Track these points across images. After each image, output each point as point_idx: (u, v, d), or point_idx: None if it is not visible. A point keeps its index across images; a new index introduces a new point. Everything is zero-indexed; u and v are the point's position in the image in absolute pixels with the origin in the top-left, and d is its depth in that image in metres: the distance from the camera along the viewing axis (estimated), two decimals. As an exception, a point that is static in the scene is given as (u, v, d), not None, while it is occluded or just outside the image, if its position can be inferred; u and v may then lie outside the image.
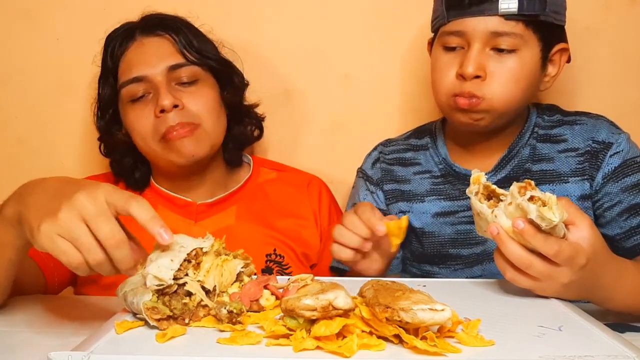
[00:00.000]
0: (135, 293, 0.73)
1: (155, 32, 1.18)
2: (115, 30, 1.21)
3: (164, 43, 1.18)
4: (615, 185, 1.07)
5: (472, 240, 1.13)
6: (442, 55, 1.08)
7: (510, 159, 1.13)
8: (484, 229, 0.83)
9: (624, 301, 0.89)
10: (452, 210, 1.15)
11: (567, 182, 1.10)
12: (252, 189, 1.27)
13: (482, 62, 1.03)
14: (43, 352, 0.64)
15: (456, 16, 1.04)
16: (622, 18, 1.37)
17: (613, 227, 1.07)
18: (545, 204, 0.76)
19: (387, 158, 1.23)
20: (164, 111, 1.12)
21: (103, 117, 1.22)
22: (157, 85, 1.14)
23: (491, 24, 1.02)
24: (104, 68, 1.20)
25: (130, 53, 1.17)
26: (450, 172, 1.16)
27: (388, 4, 1.39)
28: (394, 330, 0.65)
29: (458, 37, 1.05)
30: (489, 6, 1.01)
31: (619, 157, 1.08)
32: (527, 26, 1.02)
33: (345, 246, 0.97)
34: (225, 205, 1.23)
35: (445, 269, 1.16)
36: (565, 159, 1.11)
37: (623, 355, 0.63)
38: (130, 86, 1.15)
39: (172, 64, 1.15)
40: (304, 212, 1.26)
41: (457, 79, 1.05)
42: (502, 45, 1.03)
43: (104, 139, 1.26)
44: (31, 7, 1.42)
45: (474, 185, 0.85)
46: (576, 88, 1.37)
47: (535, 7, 1.01)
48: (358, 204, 1.00)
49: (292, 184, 1.29)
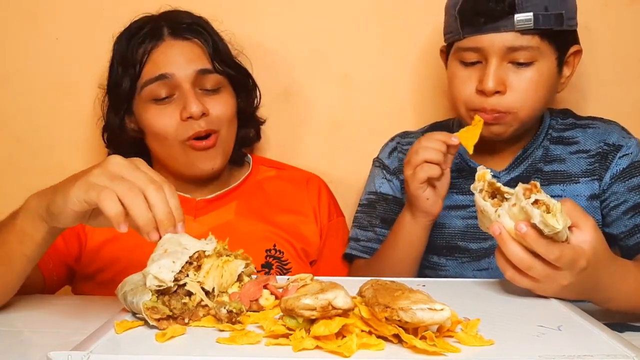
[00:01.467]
0: (135, 293, 0.73)
1: (184, 35, 1.18)
2: (137, 24, 1.20)
3: (193, 47, 1.18)
4: (622, 185, 1.09)
5: (481, 234, 1.14)
6: (460, 70, 1.09)
7: (524, 159, 1.15)
8: (487, 225, 0.83)
9: (624, 302, 0.89)
10: (464, 205, 1.17)
11: (577, 182, 1.12)
12: (251, 186, 1.28)
13: (501, 76, 1.04)
14: (43, 352, 0.64)
15: (472, 33, 1.05)
16: (621, 17, 1.37)
17: (618, 225, 1.09)
18: (550, 210, 0.76)
19: (405, 148, 1.24)
20: (190, 117, 1.13)
21: (117, 111, 1.20)
22: (183, 88, 1.14)
23: (507, 39, 1.02)
24: (124, 60, 1.18)
25: (158, 52, 1.16)
26: (465, 167, 1.18)
27: (388, 4, 1.39)
28: (393, 330, 0.65)
29: (475, 52, 1.06)
30: (505, 22, 1.01)
31: (627, 158, 1.10)
32: (542, 38, 1.03)
33: (431, 163, 1.02)
34: (224, 202, 1.24)
35: (453, 260, 1.18)
36: (577, 160, 1.13)
37: (622, 354, 0.63)
38: (155, 85, 1.14)
39: (201, 68, 1.16)
40: (303, 208, 1.27)
41: (477, 94, 1.06)
42: (519, 59, 1.03)
43: (112, 132, 1.24)
44: (31, 7, 1.42)
45: (479, 182, 0.85)
46: (575, 88, 1.36)
47: (551, 21, 1.02)
48: (425, 135, 1.06)
49: (291, 181, 1.30)
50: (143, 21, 1.20)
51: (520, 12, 1.00)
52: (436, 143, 1.03)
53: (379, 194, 1.24)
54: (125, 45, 1.18)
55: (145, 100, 1.16)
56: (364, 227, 1.24)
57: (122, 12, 1.23)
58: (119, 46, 1.20)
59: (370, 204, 1.25)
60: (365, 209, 1.26)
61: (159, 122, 1.15)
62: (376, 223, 1.23)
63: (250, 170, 1.29)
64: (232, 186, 1.26)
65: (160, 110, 1.15)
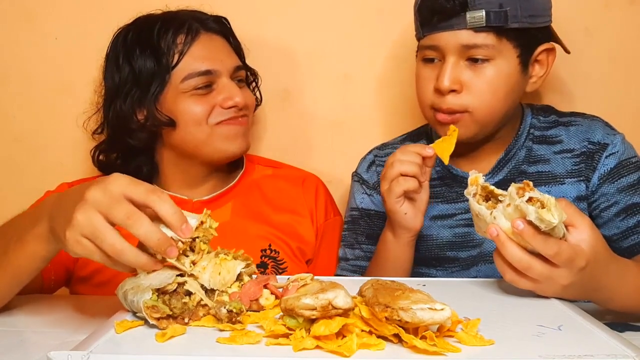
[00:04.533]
0: (135, 292, 0.73)
1: (216, 29, 1.22)
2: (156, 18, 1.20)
3: (225, 42, 1.24)
4: (611, 186, 1.08)
5: (469, 243, 1.13)
6: (422, 68, 1.09)
7: (507, 161, 1.13)
8: (483, 229, 0.83)
9: (625, 301, 0.89)
10: (450, 213, 1.15)
11: (563, 183, 1.10)
12: (247, 185, 1.28)
13: (457, 75, 1.03)
14: (42, 352, 0.64)
15: (429, 31, 1.05)
16: (621, 18, 1.37)
17: (610, 227, 1.07)
18: (544, 205, 0.76)
19: (383, 161, 1.21)
20: (235, 106, 1.18)
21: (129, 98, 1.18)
22: (224, 80, 1.19)
23: (462, 37, 1.02)
24: (153, 50, 1.17)
25: (199, 46, 1.18)
26: (447, 175, 1.16)
27: (388, 4, 1.39)
28: (393, 330, 0.64)
29: (433, 50, 1.06)
30: (457, 20, 1.01)
31: (614, 158, 1.08)
32: (499, 36, 1.02)
33: (407, 176, 1.01)
34: (221, 202, 1.24)
35: (442, 270, 1.16)
36: (562, 160, 1.11)
37: (622, 354, 0.63)
38: (200, 79, 1.16)
39: (237, 64, 1.22)
40: (299, 207, 1.27)
41: (435, 92, 1.06)
42: (475, 56, 1.03)
43: (120, 126, 1.20)
44: (30, 6, 1.42)
45: (472, 186, 0.85)
46: (575, 88, 1.37)
47: (503, 18, 1.00)
48: (400, 148, 1.04)
49: (287, 180, 1.30)
50: (165, 16, 1.21)
51: (472, 9, 1.00)
52: (411, 155, 1.01)
53: (361, 210, 1.22)
54: (148, 36, 1.17)
55: (183, 92, 1.17)
56: (351, 245, 1.22)
57: (122, 12, 1.23)
58: (140, 37, 1.18)
59: (354, 220, 1.23)
60: (349, 226, 1.24)
61: (193, 109, 1.16)
62: (362, 240, 1.21)
63: (245, 169, 1.30)
64: (228, 187, 1.26)
65: (199, 98, 1.17)
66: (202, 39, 1.19)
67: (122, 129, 1.20)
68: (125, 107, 1.18)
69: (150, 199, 0.73)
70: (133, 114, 1.18)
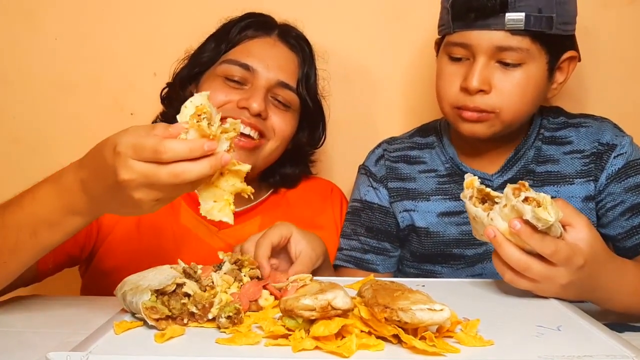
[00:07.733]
0: (134, 293, 0.73)
1: (290, 42, 1.21)
2: (252, 16, 1.22)
3: (292, 58, 1.20)
4: (618, 185, 1.08)
5: (476, 240, 1.12)
6: (447, 64, 1.07)
7: (516, 160, 1.13)
8: (481, 232, 0.83)
9: (624, 301, 0.89)
10: (458, 211, 1.15)
11: (572, 183, 1.11)
12: (276, 199, 1.27)
13: (487, 76, 1.02)
14: (42, 352, 0.64)
15: (462, 28, 1.03)
16: (620, 17, 1.37)
17: (615, 226, 1.08)
18: (540, 204, 0.76)
19: (392, 156, 1.22)
20: (245, 108, 1.12)
21: (188, 74, 1.20)
22: (258, 85, 1.14)
23: (497, 38, 1.00)
24: (220, 36, 1.19)
25: (258, 43, 1.18)
26: (456, 172, 1.16)
27: (388, 4, 1.40)
28: (392, 330, 0.65)
29: (463, 48, 1.04)
30: (495, 20, 0.99)
31: (622, 158, 1.09)
32: (533, 40, 1.01)
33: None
34: (250, 216, 1.22)
35: (447, 267, 1.16)
36: (571, 160, 1.12)
37: (622, 355, 0.63)
38: (235, 68, 1.15)
39: (284, 80, 1.17)
40: (325, 221, 1.25)
41: (462, 91, 1.04)
42: (507, 60, 1.01)
43: (173, 90, 1.23)
44: (30, 6, 1.42)
45: (468, 189, 0.85)
46: (575, 88, 1.36)
47: (542, 23, 0.99)
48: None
49: (315, 192, 1.29)
50: (261, 14, 1.22)
51: (511, 11, 0.98)
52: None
53: (364, 202, 1.22)
54: (229, 26, 1.20)
55: (217, 74, 1.16)
56: (348, 236, 1.21)
57: (122, 12, 1.23)
58: (225, 26, 1.21)
59: (355, 211, 1.22)
60: (349, 217, 1.23)
61: (217, 97, 1.13)
62: (361, 232, 1.20)
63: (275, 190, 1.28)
64: (257, 201, 1.23)
65: (224, 87, 1.15)
66: (267, 40, 1.18)
67: (171, 89, 1.23)
68: (176, 80, 1.21)
69: (158, 156, 0.72)
70: (181, 89, 1.19)
